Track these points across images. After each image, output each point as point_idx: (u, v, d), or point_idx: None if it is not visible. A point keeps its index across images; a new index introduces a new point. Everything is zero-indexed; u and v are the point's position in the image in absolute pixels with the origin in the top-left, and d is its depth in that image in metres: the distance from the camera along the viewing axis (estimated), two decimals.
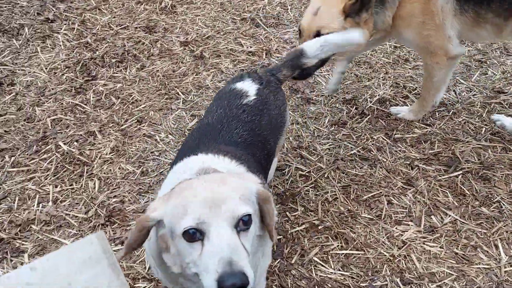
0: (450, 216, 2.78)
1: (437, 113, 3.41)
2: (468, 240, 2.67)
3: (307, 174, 3.02)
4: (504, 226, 2.73)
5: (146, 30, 4.27)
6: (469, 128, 3.31)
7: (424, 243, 2.67)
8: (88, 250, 1.63)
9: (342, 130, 3.30)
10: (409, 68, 3.79)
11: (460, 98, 3.52)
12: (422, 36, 2.96)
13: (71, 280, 1.54)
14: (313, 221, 2.74)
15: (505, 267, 2.55)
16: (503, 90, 3.62)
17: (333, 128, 3.32)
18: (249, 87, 2.24)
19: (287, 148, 3.16)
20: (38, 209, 2.83)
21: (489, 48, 4.02)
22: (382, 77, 3.72)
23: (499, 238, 2.68)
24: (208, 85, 3.69)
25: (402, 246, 2.64)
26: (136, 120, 3.40)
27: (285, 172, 3.02)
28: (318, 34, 2.81)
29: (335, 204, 2.83)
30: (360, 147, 3.17)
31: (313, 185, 2.96)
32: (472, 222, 2.76)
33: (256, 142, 2.07)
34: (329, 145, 3.19)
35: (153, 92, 3.63)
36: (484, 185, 2.95)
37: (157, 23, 4.39)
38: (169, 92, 3.63)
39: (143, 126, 3.35)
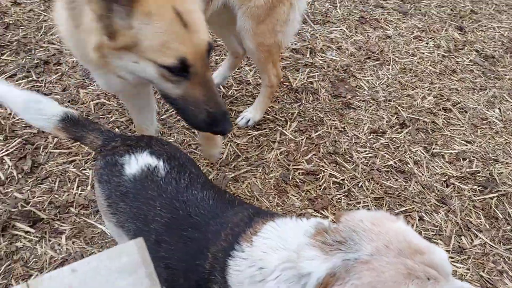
0: (480, 238, 2.77)
1: (479, 131, 3.35)
2: (495, 264, 2.67)
3: (341, 181, 3.03)
4: None
5: None
6: (510, 148, 3.25)
7: (451, 263, 2.67)
8: (126, 257, 1.71)
9: (381, 139, 3.28)
10: (456, 80, 3.70)
11: (504, 117, 3.44)
12: None
13: (109, 287, 1.62)
14: None
15: None
16: None
17: (372, 136, 3.30)
18: (144, 160, 1.84)
19: (322, 153, 3.17)
20: (78, 192, 2.92)
21: None
22: (426, 87, 3.65)
23: None
24: (249, 80, 3.69)
25: None
26: None
27: (319, 177, 3.04)
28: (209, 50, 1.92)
29: None
30: (397, 159, 3.16)
31: (346, 193, 2.97)
32: (502, 246, 2.75)
33: (211, 188, 1.79)
34: (366, 154, 3.19)
35: None
36: None
37: None
38: None
39: None
